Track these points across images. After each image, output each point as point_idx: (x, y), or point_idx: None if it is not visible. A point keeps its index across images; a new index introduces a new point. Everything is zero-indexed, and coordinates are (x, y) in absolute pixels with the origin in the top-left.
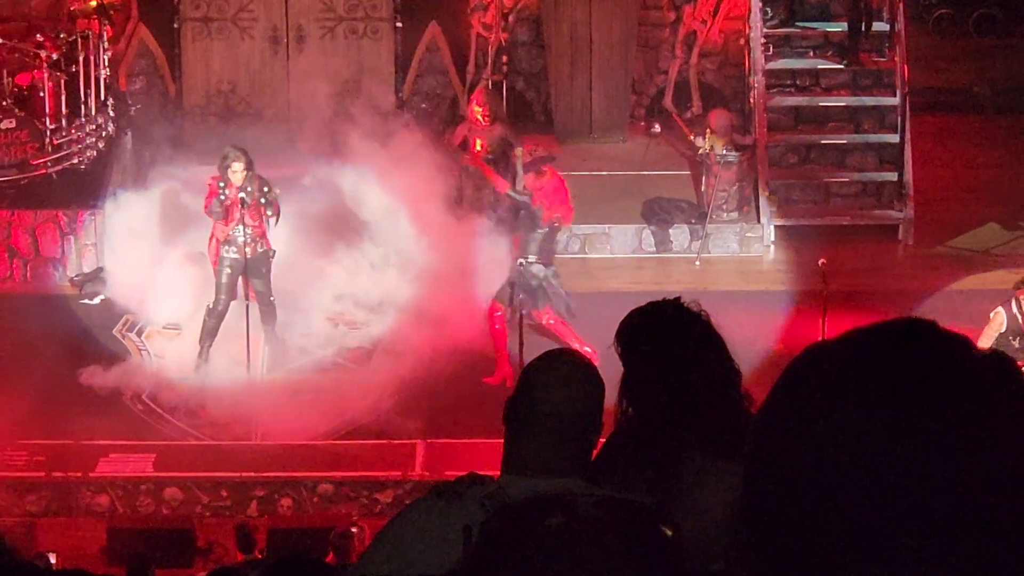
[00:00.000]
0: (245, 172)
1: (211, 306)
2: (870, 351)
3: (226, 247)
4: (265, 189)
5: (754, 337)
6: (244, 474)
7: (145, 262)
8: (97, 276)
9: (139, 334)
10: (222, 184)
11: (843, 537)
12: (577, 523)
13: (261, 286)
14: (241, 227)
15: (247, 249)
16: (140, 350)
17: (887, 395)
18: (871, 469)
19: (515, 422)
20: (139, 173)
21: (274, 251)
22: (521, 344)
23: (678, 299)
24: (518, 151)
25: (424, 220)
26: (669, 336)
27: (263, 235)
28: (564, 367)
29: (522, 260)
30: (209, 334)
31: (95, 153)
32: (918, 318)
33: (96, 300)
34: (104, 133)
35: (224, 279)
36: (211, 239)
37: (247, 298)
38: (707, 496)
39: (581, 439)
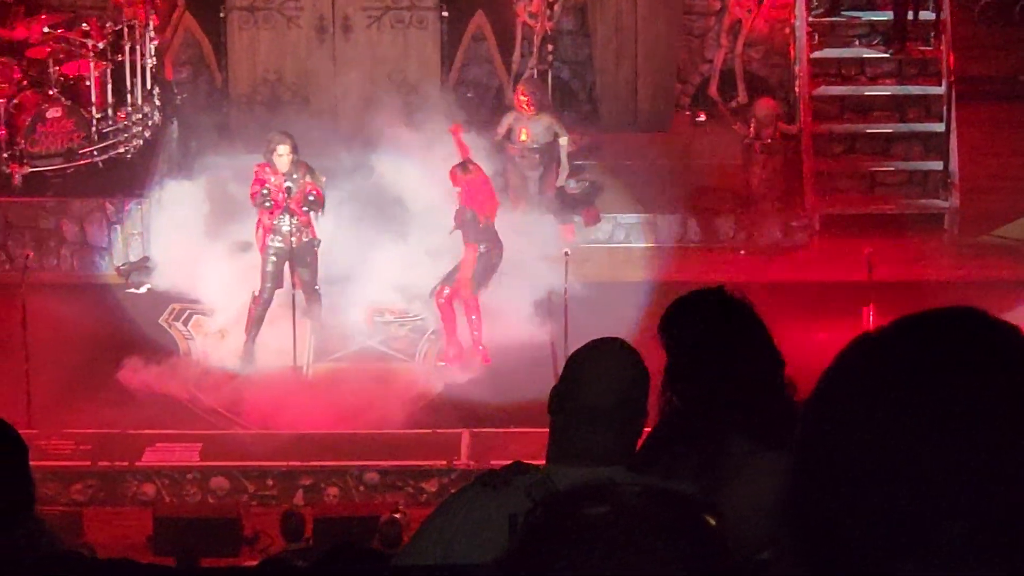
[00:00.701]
0: (291, 157)
1: (256, 295)
2: (919, 339)
3: (272, 236)
4: (308, 177)
5: (798, 326)
6: (290, 463)
7: (191, 251)
8: (143, 265)
9: (185, 323)
10: (267, 171)
11: (890, 524)
12: (621, 512)
13: (306, 275)
14: (287, 216)
15: (292, 239)
16: (186, 339)
17: (937, 383)
18: (919, 456)
19: (561, 412)
20: (185, 162)
21: (319, 240)
22: (566, 332)
23: (721, 287)
24: (563, 140)
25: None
26: (713, 325)
27: (308, 224)
28: (610, 356)
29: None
30: (254, 323)
31: (141, 142)
32: (967, 307)
33: (142, 289)
34: (150, 122)
35: (270, 268)
36: (258, 227)
37: (293, 287)
38: (751, 485)
39: (626, 428)
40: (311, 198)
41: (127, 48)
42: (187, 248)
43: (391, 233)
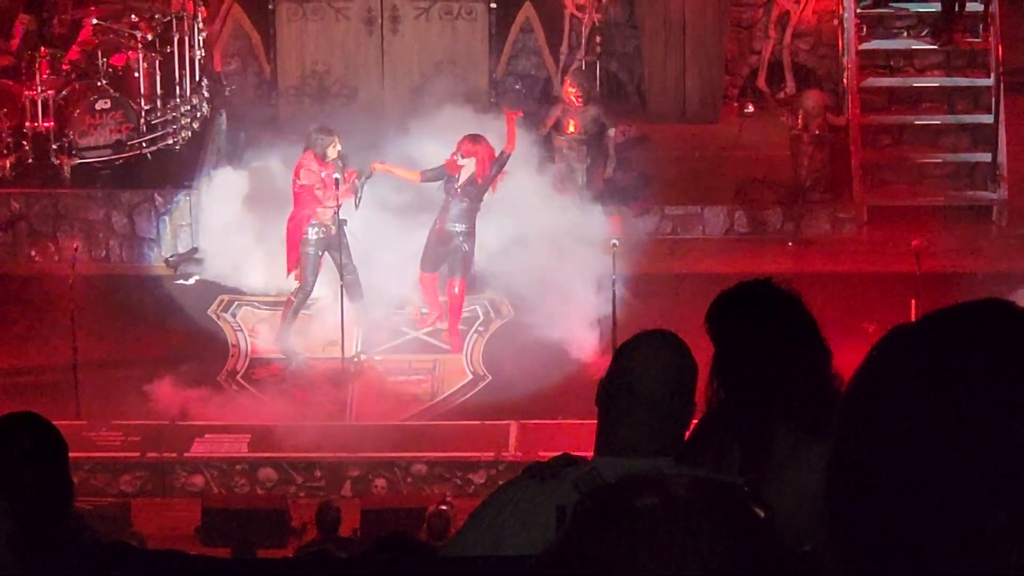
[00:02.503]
0: (335, 148)
1: (300, 286)
2: (952, 331)
3: (314, 227)
4: (341, 164)
5: (845, 318)
6: (338, 454)
7: (240, 242)
8: (191, 257)
9: (234, 315)
10: (314, 165)
11: (931, 513)
12: (670, 503)
13: (345, 257)
14: (333, 205)
15: (332, 227)
16: (235, 330)
17: (973, 374)
18: (958, 448)
19: (609, 403)
20: (234, 154)
21: (345, 220)
22: (614, 324)
23: (769, 279)
24: (611, 132)
25: (519, 200)
26: (760, 317)
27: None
28: (658, 347)
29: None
30: (293, 313)
31: (190, 134)
32: (1000, 298)
33: (191, 280)
34: (199, 114)
35: (311, 258)
36: (292, 219)
37: (341, 278)
38: (799, 476)
39: (675, 420)
40: (359, 184)
41: (175, 40)
42: (235, 239)
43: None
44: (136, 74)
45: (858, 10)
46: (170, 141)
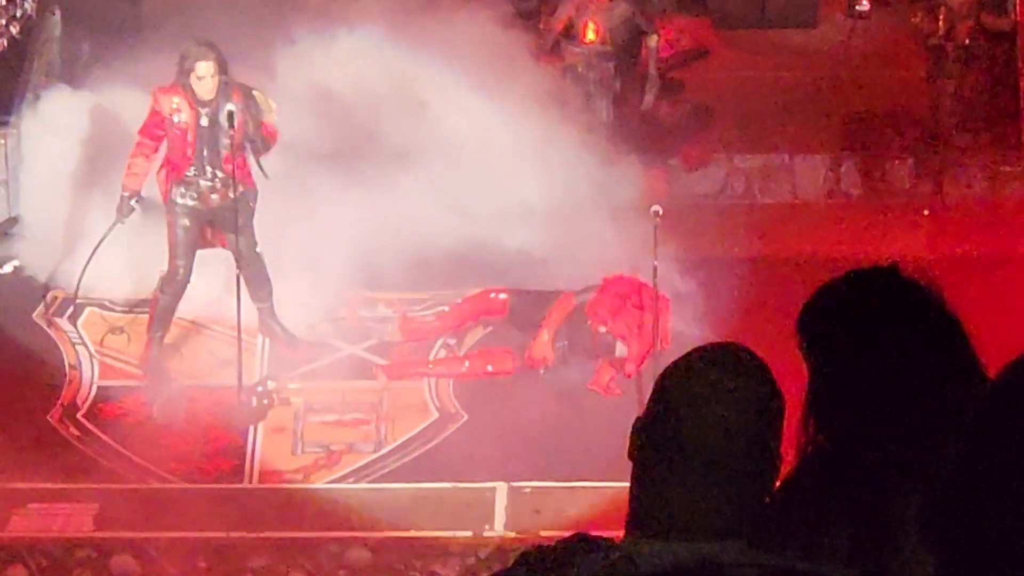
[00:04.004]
0: (217, 78)
1: (163, 276)
2: None
3: (180, 190)
4: (248, 105)
5: (1013, 321)
6: (234, 534)
7: (81, 210)
8: (9, 231)
9: (72, 320)
10: (176, 101)
11: None
12: None
13: (240, 243)
14: (204, 165)
15: (214, 196)
16: (74, 344)
17: None
18: None
19: (650, 459)
20: (72, 73)
21: (256, 191)
22: (656, 338)
23: (895, 267)
24: (651, 41)
25: (510, 150)
26: (882, 324)
27: (246, 175)
28: (725, 374)
29: None
30: (159, 319)
31: (5, 42)
32: None
33: (7, 268)
34: (19, 13)
35: (180, 236)
36: (159, 172)
37: (238, 268)
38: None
39: (749, 483)
40: (257, 139)
41: None
42: (75, 205)
43: (379, 181)
44: None
45: None
46: None
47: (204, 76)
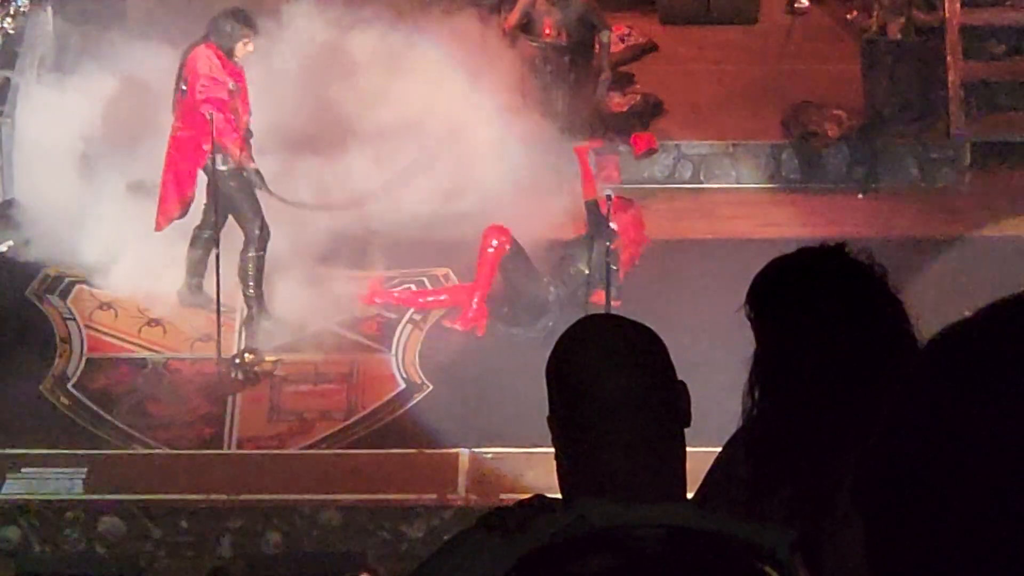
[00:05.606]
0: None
1: (251, 237)
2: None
3: (220, 155)
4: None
5: (942, 300)
6: (213, 496)
7: (72, 192)
8: (4, 213)
9: (63, 296)
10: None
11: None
12: (632, 567)
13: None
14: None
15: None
16: (65, 319)
17: None
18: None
19: (570, 418)
20: (63, 62)
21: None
22: (609, 311)
23: (843, 246)
24: (605, 35)
25: (469, 137)
26: (827, 298)
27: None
28: (610, 327)
29: None
30: (195, 266)
31: (0, 38)
32: None
33: (3, 247)
34: (12, 9)
35: (240, 201)
36: (179, 147)
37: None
38: None
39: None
40: None
41: None
42: (66, 187)
43: (356, 156)
44: None
45: None
46: None
47: (240, 40)
